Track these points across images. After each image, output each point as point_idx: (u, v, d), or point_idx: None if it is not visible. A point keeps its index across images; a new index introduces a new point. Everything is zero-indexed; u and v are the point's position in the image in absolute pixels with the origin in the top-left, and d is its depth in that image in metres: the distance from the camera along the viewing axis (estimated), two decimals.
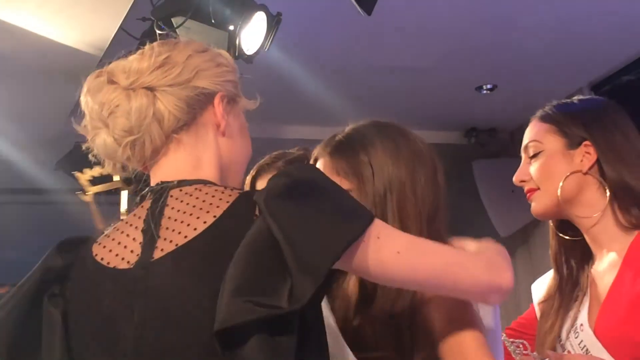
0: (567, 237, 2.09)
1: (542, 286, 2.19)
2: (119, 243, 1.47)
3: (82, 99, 1.52)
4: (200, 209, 1.43)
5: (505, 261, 1.57)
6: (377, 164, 1.72)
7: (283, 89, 4.22)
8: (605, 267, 1.98)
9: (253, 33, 3.16)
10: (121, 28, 3.59)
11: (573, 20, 4.14)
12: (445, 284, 1.49)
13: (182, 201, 1.46)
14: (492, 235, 5.14)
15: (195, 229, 1.40)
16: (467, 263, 1.50)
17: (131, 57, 1.52)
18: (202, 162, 1.52)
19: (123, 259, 1.45)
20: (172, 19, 3.21)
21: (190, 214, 1.43)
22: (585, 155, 1.98)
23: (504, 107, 5.19)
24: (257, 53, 3.18)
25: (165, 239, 1.42)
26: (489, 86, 4.88)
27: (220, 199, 1.43)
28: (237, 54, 3.10)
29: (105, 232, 1.52)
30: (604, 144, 1.97)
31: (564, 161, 2.00)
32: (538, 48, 4.41)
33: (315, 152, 1.81)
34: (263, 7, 3.15)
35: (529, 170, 2.06)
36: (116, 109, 1.47)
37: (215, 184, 1.49)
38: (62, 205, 3.82)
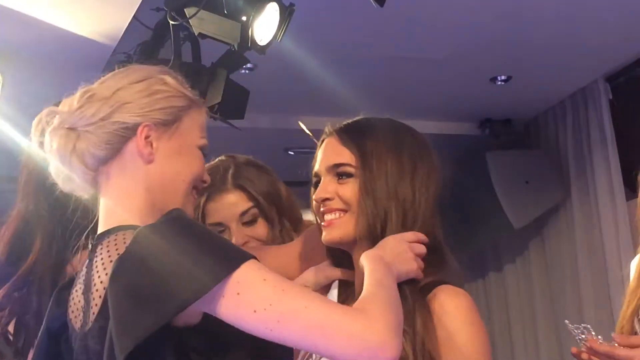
0: None
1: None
2: (74, 304, 1.62)
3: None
4: (106, 274, 1.52)
5: (390, 308, 1.43)
6: (378, 153, 1.75)
7: (295, 81, 4.23)
8: None
9: (266, 24, 3.14)
10: (135, 18, 3.60)
11: (588, 9, 4.12)
12: (304, 347, 1.43)
13: (101, 260, 1.56)
14: (505, 227, 5.16)
15: (96, 305, 1.54)
16: (332, 326, 1.37)
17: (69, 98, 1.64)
18: (130, 194, 1.61)
19: (77, 322, 1.60)
20: (185, 10, 3.22)
21: (101, 281, 1.54)
22: None
23: (519, 98, 5.19)
24: (269, 44, 3.16)
25: (92, 306, 1.56)
26: (503, 77, 4.87)
27: (111, 260, 1.52)
28: (249, 45, 3.11)
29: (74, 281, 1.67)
30: None
31: None
32: (553, 39, 4.39)
33: (324, 133, 1.84)
34: None
35: None
36: (49, 148, 1.61)
37: (128, 227, 1.56)
38: None
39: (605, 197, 4.98)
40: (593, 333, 1.81)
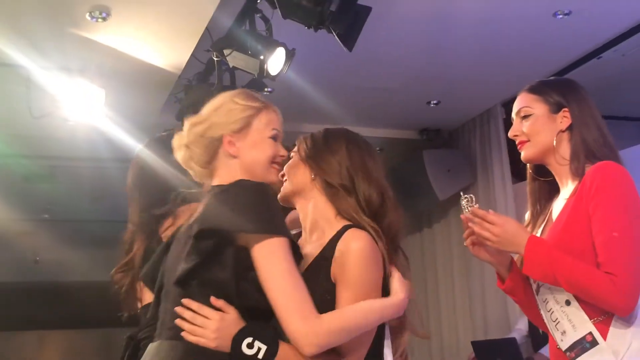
0: (541, 179, 1.95)
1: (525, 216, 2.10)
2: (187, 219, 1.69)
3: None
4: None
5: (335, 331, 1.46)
6: (311, 146, 1.73)
7: (295, 99, 4.20)
8: (561, 198, 1.89)
9: (276, 61, 3.17)
10: (193, 55, 3.62)
11: (492, 57, 4.11)
12: (274, 307, 1.46)
13: (210, 200, 1.62)
14: (434, 199, 5.07)
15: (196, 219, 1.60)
16: (290, 311, 1.43)
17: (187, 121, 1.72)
18: (231, 173, 1.64)
19: (183, 229, 1.66)
20: (224, 51, 3.24)
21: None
22: (564, 119, 1.88)
23: (445, 115, 5.16)
24: (278, 74, 3.20)
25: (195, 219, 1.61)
26: (435, 101, 4.84)
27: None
28: (265, 75, 3.14)
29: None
30: (577, 112, 1.88)
31: (549, 122, 1.87)
32: (469, 76, 4.40)
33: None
34: (283, 45, 3.17)
35: (521, 128, 1.90)
36: (178, 154, 1.70)
37: (223, 186, 1.61)
38: None
39: (499, 182, 4.99)
40: (476, 205, 1.84)
